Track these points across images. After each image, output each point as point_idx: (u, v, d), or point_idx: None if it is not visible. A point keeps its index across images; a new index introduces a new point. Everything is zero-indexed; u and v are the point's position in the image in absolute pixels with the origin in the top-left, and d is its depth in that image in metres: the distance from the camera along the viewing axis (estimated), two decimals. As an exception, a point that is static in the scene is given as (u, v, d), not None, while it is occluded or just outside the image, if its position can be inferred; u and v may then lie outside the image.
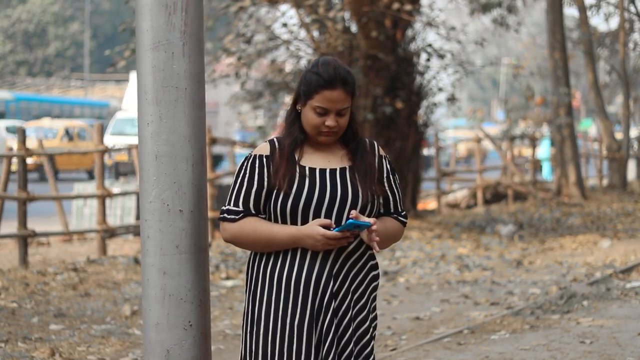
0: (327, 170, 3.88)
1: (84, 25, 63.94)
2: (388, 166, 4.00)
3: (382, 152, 4.01)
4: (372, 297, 3.96)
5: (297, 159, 3.89)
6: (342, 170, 3.89)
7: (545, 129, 30.49)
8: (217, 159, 26.97)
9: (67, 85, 61.40)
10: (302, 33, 17.38)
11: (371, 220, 3.80)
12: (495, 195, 23.28)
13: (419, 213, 18.26)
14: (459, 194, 23.30)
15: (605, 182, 27.38)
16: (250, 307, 3.90)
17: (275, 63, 17.83)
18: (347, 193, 3.84)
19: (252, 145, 19.83)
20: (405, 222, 4.05)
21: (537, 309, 9.30)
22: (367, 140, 4.01)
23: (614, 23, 29.57)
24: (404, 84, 17.04)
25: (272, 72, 17.94)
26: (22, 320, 8.77)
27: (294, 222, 3.83)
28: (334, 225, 3.80)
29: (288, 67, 18.41)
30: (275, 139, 3.95)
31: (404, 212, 4.06)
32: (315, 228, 3.77)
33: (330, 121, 3.84)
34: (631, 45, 30.32)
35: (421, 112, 17.65)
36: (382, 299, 10.18)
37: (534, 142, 25.70)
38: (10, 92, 47.20)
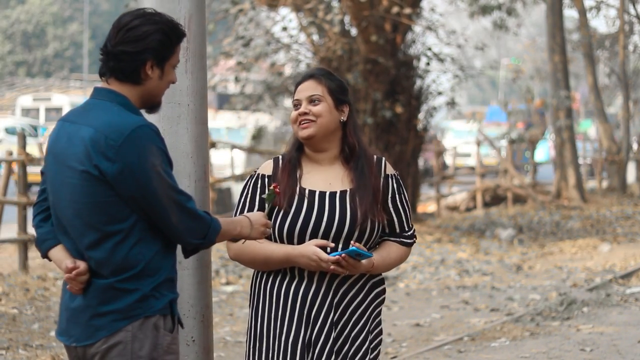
0: (327, 194, 3.85)
1: (83, 26, 63.91)
2: (394, 185, 3.93)
3: (389, 171, 3.94)
4: (374, 314, 3.91)
5: (298, 176, 3.87)
6: (342, 193, 3.85)
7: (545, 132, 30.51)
8: None
9: (66, 86, 61.41)
10: (302, 37, 17.40)
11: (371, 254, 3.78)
12: (494, 198, 23.30)
13: (419, 216, 18.27)
14: (459, 197, 23.32)
15: (604, 184, 27.38)
16: (253, 322, 3.91)
17: (274, 66, 17.84)
18: (345, 219, 3.81)
19: (252, 150, 19.88)
20: (411, 243, 3.97)
21: (537, 316, 9.30)
22: (375, 157, 3.94)
23: (614, 25, 29.56)
24: (403, 88, 17.05)
25: (271, 75, 17.96)
26: (23, 327, 8.77)
27: (290, 242, 3.82)
28: (332, 244, 3.78)
29: (287, 70, 18.41)
30: (280, 156, 3.95)
31: (410, 232, 3.97)
32: (310, 248, 3.75)
33: (301, 108, 3.86)
34: (631, 47, 30.33)
35: (421, 116, 17.66)
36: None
37: (533, 144, 25.71)
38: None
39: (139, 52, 3.34)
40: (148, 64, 3.36)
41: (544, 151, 34.65)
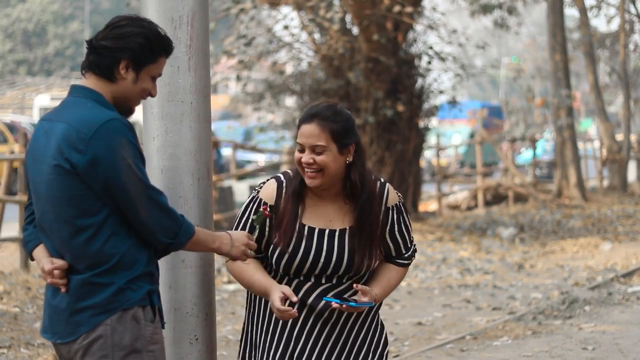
0: (327, 232, 3.77)
1: (83, 24, 63.90)
2: (394, 217, 3.82)
3: (390, 202, 3.82)
4: (375, 318, 3.89)
5: (299, 212, 3.78)
6: (342, 232, 3.77)
7: (546, 131, 30.51)
8: None
9: (67, 84, 61.38)
10: (304, 35, 17.39)
11: (373, 295, 3.73)
12: (495, 197, 23.28)
13: (420, 215, 18.26)
14: (460, 196, 23.30)
15: (605, 183, 27.37)
16: (249, 327, 3.91)
17: (276, 65, 17.83)
18: (343, 259, 3.75)
19: (254, 148, 19.84)
20: (409, 263, 3.92)
21: (539, 314, 9.29)
22: (378, 185, 3.81)
23: (615, 24, 29.56)
24: (405, 87, 17.04)
25: (273, 74, 17.94)
26: (25, 326, 8.76)
27: (286, 273, 3.79)
28: (296, 300, 3.68)
29: (289, 69, 18.41)
30: (284, 180, 3.82)
31: (408, 254, 3.90)
32: (275, 294, 3.67)
33: (304, 157, 3.70)
34: (631, 46, 30.32)
35: (422, 114, 17.66)
36: (384, 303, 10.14)
37: (534, 143, 25.71)
38: None
39: (116, 49, 3.40)
40: (122, 63, 3.41)
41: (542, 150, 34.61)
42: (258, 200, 3.81)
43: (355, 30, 16.90)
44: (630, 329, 8.61)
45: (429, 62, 17.56)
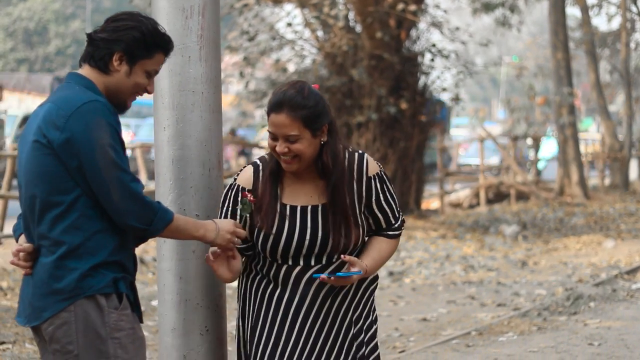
0: (309, 208, 3.72)
1: (85, 23, 63.88)
2: (377, 186, 3.77)
3: (371, 172, 3.77)
4: (367, 304, 3.84)
5: (279, 193, 3.74)
6: (324, 207, 3.72)
7: (548, 129, 30.51)
8: None
9: (68, 83, 61.23)
10: (307, 33, 17.41)
11: (363, 265, 3.70)
12: (497, 195, 23.29)
13: (423, 213, 18.26)
14: (462, 194, 23.30)
15: (607, 181, 27.37)
16: (241, 323, 3.91)
17: (279, 62, 17.84)
18: (328, 236, 3.70)
19: (256, 145, 19.83)
20: (399, 233, 3.86)
21: (544, 311, 9.28)
22: (357, 157, 3.76)
23: (616, 23, 29.62)
24: (408, 84, 17.04)
25: (276, 72, 17.95)
26: (29, 321, 8.74)
27: (274, 258, 3.74)
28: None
29: (292, 66, 18.42)
30: (260, 164, 3.78)
31: (398, 224, 3.85)
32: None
33: (278, 146, 3.63)
34: (633, 45, 30.34)
35: (425, 111, 17.66)
36: (389, 300, 10.17)
37: (536, 141, 25.70)
38: None
39: (111, 41, 3.46)
40: (116, 55, 3.46)
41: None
42: (236, 187, 3.76)
43: (358, 27, 16.91)
44: (636, 325, 8.60)
45: (432, 60, 17.57)
